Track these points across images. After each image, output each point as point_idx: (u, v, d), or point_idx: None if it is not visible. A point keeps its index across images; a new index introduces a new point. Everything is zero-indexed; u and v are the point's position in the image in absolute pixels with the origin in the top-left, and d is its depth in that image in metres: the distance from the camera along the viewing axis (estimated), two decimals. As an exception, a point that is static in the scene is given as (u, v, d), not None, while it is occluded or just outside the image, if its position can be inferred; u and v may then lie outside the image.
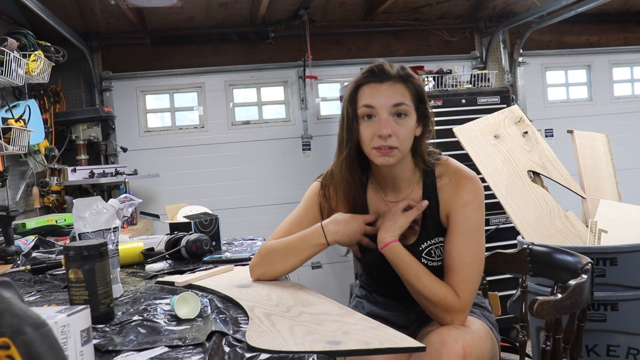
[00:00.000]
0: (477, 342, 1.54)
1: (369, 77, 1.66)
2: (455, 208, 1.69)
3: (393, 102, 1.62)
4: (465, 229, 1.67)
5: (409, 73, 1.67)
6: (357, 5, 5.15)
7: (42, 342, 0.69)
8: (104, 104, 4.91)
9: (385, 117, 1.61)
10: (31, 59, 3.10)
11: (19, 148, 2.95)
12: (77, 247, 1.41)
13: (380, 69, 1.65)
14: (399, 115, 1.63)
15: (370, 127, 1.63)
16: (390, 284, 1.81)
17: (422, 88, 1.69)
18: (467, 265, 1.64)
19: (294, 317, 1.35)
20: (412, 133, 1.66)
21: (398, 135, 1.62)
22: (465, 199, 1.68)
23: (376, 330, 1.23)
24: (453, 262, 1.65)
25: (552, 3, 4.58)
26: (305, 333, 1.22)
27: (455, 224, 1.68)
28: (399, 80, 1.64)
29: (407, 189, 1.75)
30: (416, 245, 1.72)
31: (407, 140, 1.65)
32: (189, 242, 2.20)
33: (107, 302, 1.43)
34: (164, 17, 4.82)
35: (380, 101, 1.62)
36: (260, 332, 1.24)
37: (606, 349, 2.65)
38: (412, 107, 1.65)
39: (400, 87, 1.64)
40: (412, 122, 1.65)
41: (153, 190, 5.04)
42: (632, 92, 6.05)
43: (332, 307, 1.43)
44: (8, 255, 2.46)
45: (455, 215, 1.68)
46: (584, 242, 2.95)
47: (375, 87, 1.64)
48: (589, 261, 1.78)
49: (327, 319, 1.32)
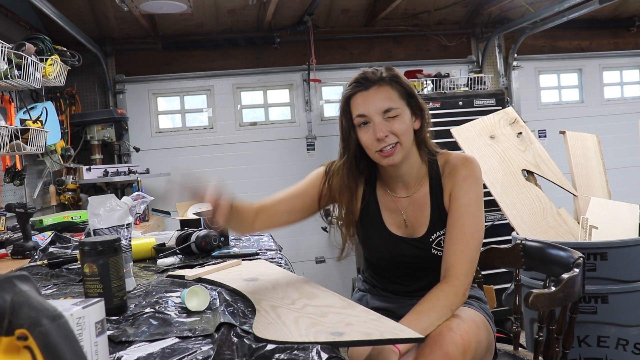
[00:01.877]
0: (474, 331, 1.54)
1: (355, 88, 1.67)
2: (455, 184, 1.70)
3: (383, 108, 1.62)
4: (465, 200, 1.67)
5: (393, 74, 1.68)
6: (359, 11, 5.14)
7: (59, 333, 0.68)
8: (117, 106, 4.91)
9: (379, 120, 1.62)
10: (48, 63, 3.10)
11: (37, 148, 2.95)
12: (92, 242, 1.41)
13: (363, 78, 1.66)
14: (392, 117, 1.63)
15: (368, 133, 1.64)
16: (396, 279, 1.81)
17: (408, 84, 1.69)
18: (468, 236, 1.64)
19: (298, 309, 1.35)
20: (409, 127, 1.66)
21: (395, 131, 1.62)
22: (463, 174, 1.70)
23: (377, 322, 1.23)
24: (455, 233, 1.65)
25: (545, 10, 4.57)
26: (309, 325, 1.22)
27: (456, 197, 1.69)
28: (383, 83, 1.65)
29: (415, 184, 1.76)
30: (426, 236, 1.72)
31: (406, 134, 1.65)
32: (198, 238, 2.20)
33: (120, 295, 1.43)
34: (174, 23, 4.82)
35: (370, 108, 1.63)
36: (266, 324, 1.24)
37: (597, 340, 2.65)
38: (403, 105, 1.65)
39: (387, 89, 1.64)
40: (406, 118, 1.66)
41: (164, 188, 5.03)
42: (621, 95, 6.04)
43: (335, 300, 1.42)
44: (26, 250, 2.47)
45: (456, 190, 1.69)
46: (575, 238, 2.95)
47: (363, 95, 1.65)
48: (580, 255, 1.77)
49: (330, 311, 1.32)
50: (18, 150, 2.78)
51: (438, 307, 1.54)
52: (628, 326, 2.61)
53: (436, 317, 1.52)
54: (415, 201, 1.75)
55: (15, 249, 2.49)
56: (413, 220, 1.75)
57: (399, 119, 1.63)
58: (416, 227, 1.74)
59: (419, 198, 1.75)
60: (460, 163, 1.72)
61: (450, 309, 1.56)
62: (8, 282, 0.71)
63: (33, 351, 0.67)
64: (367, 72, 1.67)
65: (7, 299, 0.69)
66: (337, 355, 1.10)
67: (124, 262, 1.50)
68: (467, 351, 1.45)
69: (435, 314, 1.53)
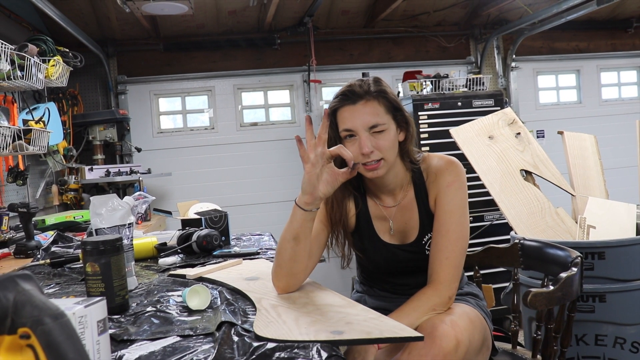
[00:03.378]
0: (468, 326, 1.54)
1: (342, 101, 1.65)
2: (440, 190, 1.70)
3: (369, 124, 1.61)
4: (450, 207, 1.68)
5: (380, 88, 1.65)
6: (358, 13, 5.14)
7: (61, 331, 0.68)
8: (119, 106, 4.91)
9: (365, 135, 1.61)
10: (50, 64, 3.10)
11: (39, 148, 2.95)
12: (94, 242, 1.41)
13: (350, 92, 1.64)
14: (378, 132, 1.62)
15: (354, 146, 1.62)
16: (393, 280, 1.81)
17: (394, 98, 1.68)
18: (453, 242, 1.65)
19: (299, 308, 1.35)
20: (394, 143, 1.66)
21: (380, 148, 1.61)
22: (448, 180, 1.70)
23: (377, 321, 1.23)
24: (440, 239, 1.66)
25: (544, 11, 4.57)
26: (309, 323, 1.22)
27: (441, 204, 1.69)
28: (371, 98, 1.63)
29: (400, 191, 1.77)
30: (419, 240, 1.74)
31: (390, 150, 1.64)
32: (199, 237, 2.20)
33: (122, 294, 1.43)
34: (176, 24, 4.82)
35: (356, 123, 1.61)
36: (267, 323, 1.24)
37: (594, 339, 2.65)
38: (388, 119, 1.64)
39: (373, 104, 1.62)
40: (392, 133, 1.65)
41: (166, 188, 5.04)
42: (619, 96, 6.04)
43: (335, 299, 1.42)
44: (28, 249, 2.47)
45: (441, 196, 1.70)
46: (573, 238, 2.95)
47: (349, 109, 1.63)
48: (578, 255, 1.77)
49: (330, 310, 1.32)
50: (21, 150, 2.79)
51: (419, 308, 1.57)
52: (625, 325, 2.61)
53: (416, 317, 1.55)
54: (403, 207, 1.76)
55: (18, 248, 2.49)
56: (403, 227, 1.76)
57: (384, 135, 1.62)
58: (407, 233, 1.75)
59: (406, 204, 1.76)
60: (444, 167, 1.72)
61: (433, 311, 1.58)
62: (11, 281, 0.71)
63: (35, 350, 0.67)
64: (354, 85, 1.65)
65: (9, 298, 0.69)
66: (337, 354, 1.10)
67: (125, 262, 1.49)
68: (460, 346, 1.45)
69: (416, 314, 1.56)
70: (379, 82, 1.68)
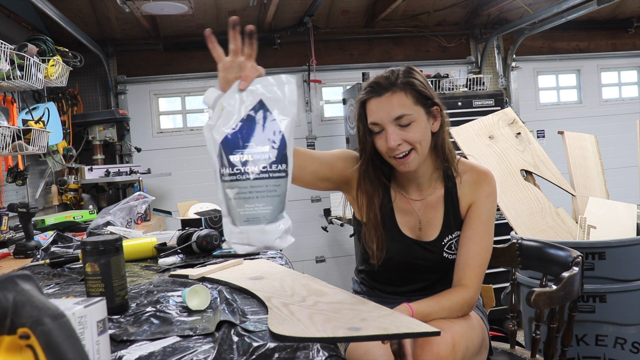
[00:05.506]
0: (466, 331, 1.54)
1: (369, 93, 1.64)
2: (479, 199, 1.71)
3: (395, 115, 1.58)
4: (486, 217, 1.70)
5: (407, 80, 1.61)
6: (358, 13, 5.14)
7: (61, 332, 0.68)
8: (119, 106, 4.92)
9: (391, 129, 1.59)
10: (50, 63, 3.11)
11: (39, 148, 2.95)
12: (93, 242, 1.41)
13: (376, 83, 1.63)
14: (406, 125, 1.59)
15: (382, 140, 1.62)
16: (397, 281, 1.79)
17: (422, 87, 1.63)
18: (484, 250, 1.68)
19: (310, 306, 1.33)
20: (424, 134, 1.62)
21: (408, 139, 1.59)
22: (487, 191, 1.71)
23: (392, 317, 1.22)
24: (473, 247, 1.66)
25: (544, 11, 4.57)
26: (324, 320, 1.20)
27: (478, 213, 1.70)
28: (397, 89, 1.60)
29: (429, 187, 1.74)
30: (439, 240, 1.72)
31: (422, 141, 1.61)
32: (199, 237, 2.20)
33: (122, 294, 1.43)
34: (176, 24, 4.82)
35: (382, 116, 1.60)
36: (281, 320, 1.22)
37: (595, 339, 2.65)
38: (416, 110, 1.60)
39: (399, 96, 1.59)
40: (422, 124, 1.61)
41: (165, 188, 5.04)
42: (619, 96, 6.05)
43: (346, 297, 1.41)
44: (28, 249, 2.47)
45: (479, 206, 1.70)
46: (573, 238, 2.94)
47: (376, 101, 1.61)
48: (579, 254, 1.77)
49: (343, 308, 1.30)
50: (20, 150, 2.79)
51: (451, 306, 1.58)
52: (626, 325, 2.61)
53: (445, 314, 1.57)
54: (429, 204, 1.74)
55: (18, 248, 2.49)
56: (425, 223, 1.74)
57: (413, 126, 1.59)
58: (428, 230, 1.72)
59: (432, 201, 1.73)
60: (483, 179, 1.72)
61: (461, 312, 1.60)
62: (10, 281, 0.71)
63: (35, 350, 0.67)
64: (379, 77, 1.63)
65: (9, 298, 0.69)
66: (337, 354, 1.10)
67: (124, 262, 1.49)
68: (457, 351, 1.45)
69: (446, 312, 1.57)
70: (409, 72, 1.64)
